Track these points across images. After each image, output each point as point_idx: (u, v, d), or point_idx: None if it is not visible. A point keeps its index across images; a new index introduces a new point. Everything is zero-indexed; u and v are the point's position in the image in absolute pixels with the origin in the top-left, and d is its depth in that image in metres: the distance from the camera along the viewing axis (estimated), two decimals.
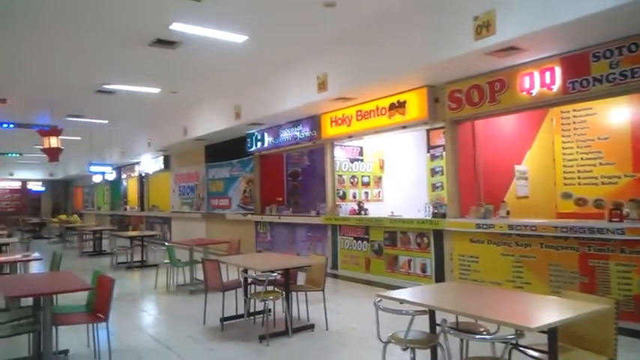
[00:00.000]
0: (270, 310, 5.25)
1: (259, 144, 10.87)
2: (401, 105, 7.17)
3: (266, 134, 10.61)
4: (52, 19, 6.08)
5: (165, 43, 6.94)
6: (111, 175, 19.22)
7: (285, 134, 9.97)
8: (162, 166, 16.08)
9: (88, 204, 25.67)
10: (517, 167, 7.62)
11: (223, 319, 5.33)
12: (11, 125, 12.55)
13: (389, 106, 7.35)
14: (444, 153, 8.71)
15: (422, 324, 3.31)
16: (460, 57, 5.53)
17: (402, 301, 3.23)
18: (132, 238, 10.71)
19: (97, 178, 21.22)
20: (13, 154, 20.90)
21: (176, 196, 15.60)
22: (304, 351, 4.64)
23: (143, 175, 18.17)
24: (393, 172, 9.88)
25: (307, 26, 6.54)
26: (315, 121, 9.01)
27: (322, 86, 7.43)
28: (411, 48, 6.02)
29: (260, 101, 9.26)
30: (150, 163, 17.01)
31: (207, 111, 11.28)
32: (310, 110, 8.64)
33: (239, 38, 6.78)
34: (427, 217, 7.12)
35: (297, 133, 9.55)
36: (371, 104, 7.68)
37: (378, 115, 7.56)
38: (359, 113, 7.93)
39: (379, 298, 3.32)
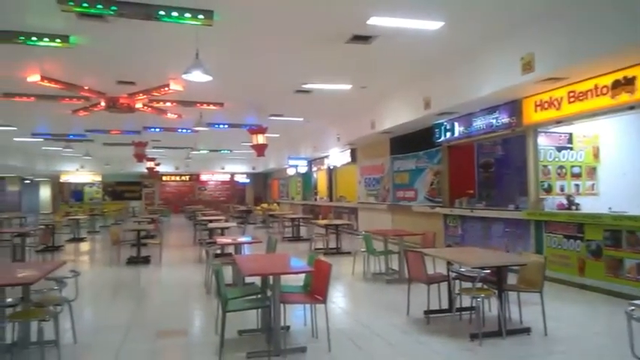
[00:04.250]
0: (476, 308, 4.99)
1: (448, 134, 10.51)
2: (628, 82, 6.10)
3: (456, 124, 10.21)
4: (262, 27, 6.73)
5: (361, 38, 7.12)
6: (303, 168, 20.89)
7: (479, 122, 9.44)
8: (349, 159, 16.81)
9: (283, 194, 28.37)
10: None
11: (428, 312, 5.27)
12: (226, 125, 14.64)
13: (612, 84, 6.33)
14: None
15: None
16: None
17: None
18: (327, 227, 11.40)
19: (290, 171, 23.28)
20: (225, 151, 24.64)
21: (362, 187, 16.15)
22: (523, 356, 4.27)
23: (331, 167, 19.29)
24: (610, 161, 8.54)
25: (511, 2, 6.01)
26: (515, 107, 8.30)
27: (527, 67, 6.76)
28: None
29: (452, 89, 8.92)
30: (338, 157, 17.95)
31: (395, 103, 11.34)
32: (509, 95, 7.98)
33: (434, 25, 6.58)
34: None
35: (493, 121, 8.93)
36: (587, 83, 6.72)
37: (597, 96, 6.57)
38: (571, 94, 7.02)
39: (632, 307, 2.83)
